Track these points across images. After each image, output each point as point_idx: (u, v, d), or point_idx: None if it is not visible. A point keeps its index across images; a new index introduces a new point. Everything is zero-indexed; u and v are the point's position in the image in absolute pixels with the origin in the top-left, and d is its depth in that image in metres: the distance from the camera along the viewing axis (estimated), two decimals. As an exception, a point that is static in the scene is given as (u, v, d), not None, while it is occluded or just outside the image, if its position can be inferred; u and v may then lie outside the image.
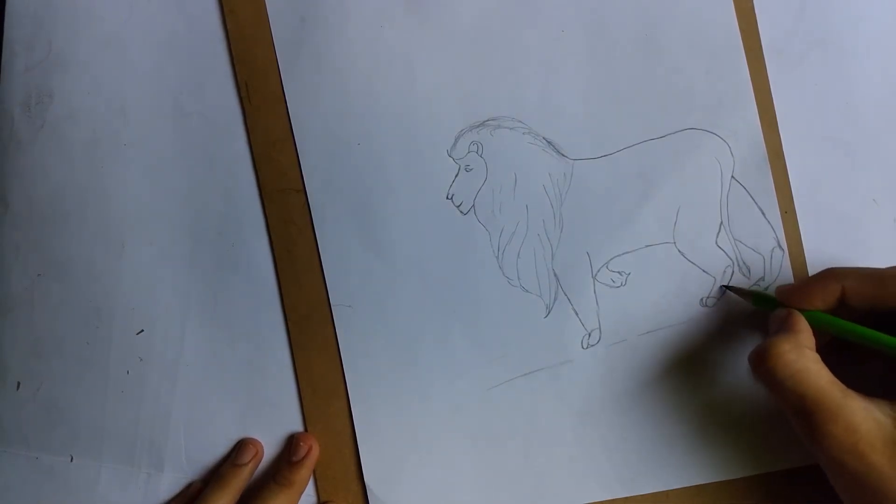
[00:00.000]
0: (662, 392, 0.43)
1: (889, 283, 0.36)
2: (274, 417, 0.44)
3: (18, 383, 0.46)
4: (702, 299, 0.43)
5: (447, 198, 0.44)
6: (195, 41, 0.45)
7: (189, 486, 0.44)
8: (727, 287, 0.42)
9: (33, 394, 0.46)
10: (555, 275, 0.43)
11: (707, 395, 0.42)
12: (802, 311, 0.38)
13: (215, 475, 0.44)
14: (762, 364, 0.35)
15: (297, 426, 0.44)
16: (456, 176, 0.44)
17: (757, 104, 0.43)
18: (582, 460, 0.43)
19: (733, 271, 0.43)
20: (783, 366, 0.35)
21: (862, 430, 0.33)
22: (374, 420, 0.44)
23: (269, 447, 0.44)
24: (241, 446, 0.44)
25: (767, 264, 0.42)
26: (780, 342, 0.35)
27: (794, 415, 0.35)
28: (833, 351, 0.37)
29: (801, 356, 0.35)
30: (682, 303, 0.43)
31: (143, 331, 0.45)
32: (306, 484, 0.44)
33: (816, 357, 0.35)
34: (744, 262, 0.43)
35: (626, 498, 0.43)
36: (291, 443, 0.43)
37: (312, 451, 0.43)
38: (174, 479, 0.45)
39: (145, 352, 0.45)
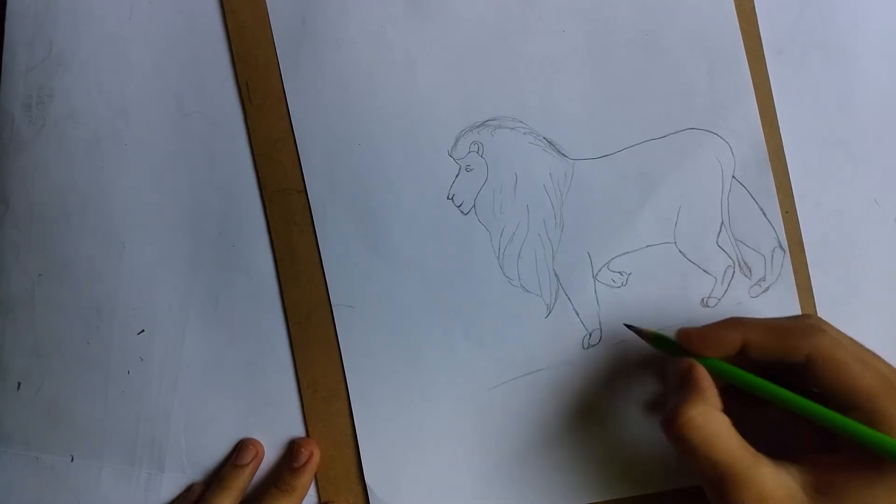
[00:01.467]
0: (663, 392, 0.43)
1: (789, 337, 0.35)
2: (274, 417, 0.44)
3: (19, 383, 0.46)
4: (703, 299, 0.43)
5: (448, 198, 0.44)
6: (196, 41, 0.45)
7: (190, 487, 0.44)
8: (627, 326, 0.40)
9: (34, 394, 0.46)
10: (555, 275, 0.43)
11: (708, 396, 0.42)
12: (702, 357, 0.36)
13: (216, 477, 0.44)
14: (673, 429, 0.34)
15: (298, 426, 0.44)
16: (457, 176, 0.44)
17: (758, 104, 0.43)
18: (583, 460, 0.43)
19: (734, 271, 0.43)
20: (694, 431, 0.34)
21: (772, 497, 0.32)
22: (374, 420, 0.44)
23: (270, 447, 0.44)
24: (241, 447, 0.44)
25: (768, 264, 0.42)
26: (689, 406, 0.34)
27: (705, 480, 0.34)
28: (730, 396, 0.36)
29: (712, 420, 0.34)
30: (683, 303, 0.43)
31: (143, 331, 0.45)
32: (308, 489, 0.44)
33: (726, 420, 0.34)
34: (745, 262, 0.43)
35: (626, 498, 0.43)
36: (292, 448, 0.43)
37: (314, 457, 0.43)
38: (175, 479, 0.45)
39: (146, 352, 0.45)
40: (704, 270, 0.43)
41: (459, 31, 0.44)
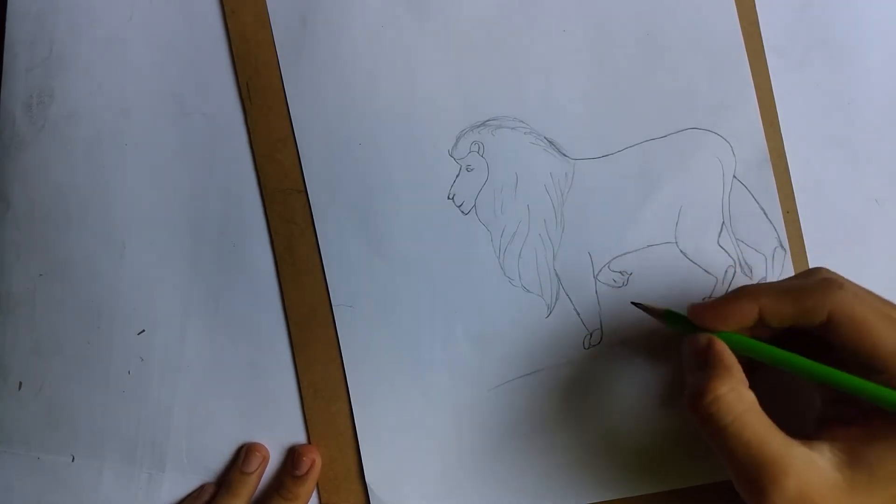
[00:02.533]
0: (664, 392, 0.43)
1: (807, 297, 0.33)
2: (275, 418, 0.44)
3: (20, 383, 0.46)
4: (704, 299, 0.43)
5: (448, 198, 0.44)
6: (196, 41, 0.45)
7: (202, 487, 0.44)
8: (635, 304, 0.40)
9: (35, 394, 0.46)
10: (556, 275, 0.43)
11: (709, 396, 0.42)
12: (717, 332, 0.35)
13: (224, 483, 0.44)
14: (700, 408, 0.32)
15: (299, 427, 0.44)
16: (457, 176, 0.44)
17: (759, 104, 0.43)
18: (583, 461, 0.43)
19: (735, 271, 0.42)
20: (725, 410, 0.31)
21: (813, 484, 0.30)
22: (375, 421, 0.44)
23: (271, 448, 0.44)
24: (247, 453, 0.44)
25: (769, 264, 0.42)
26: (717, 382, 0.32)
27: (735, 466, 0.31)
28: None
29: (742, 399, 0.32)
30: (685, 303, 0.42)
31: (143, 331, 0.45)
32: (310, 496, 0.43)
33: (755, 399, 0.32)
34: (746, 262, 0.42)
35: (627, 498, 0.43)
36: (293, 456, 0.43)
37: (315, 465, 0.43)
38: (176, 479, 0.45)
39: (146, 352, 0.45)
40: (705, 270, 0.43)
41: (460, 30, 0.44)
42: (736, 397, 0.32)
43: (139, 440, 0.45)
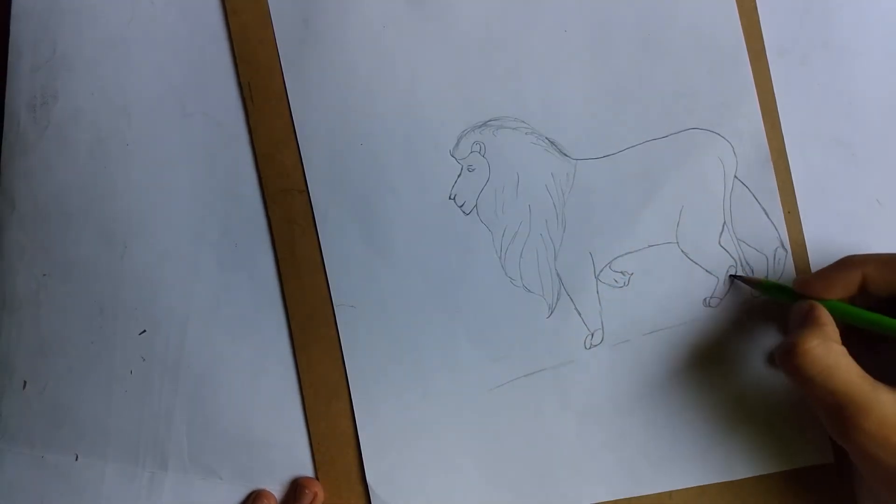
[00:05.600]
0: (665, 393, 0.42)
1: None
2: (276, 418, 0.44)
3: (24, 382, 0.46)
4: (705, 299, 0.43)
5: (450, 198, 0.44)
6: (198, 42, 0.45)
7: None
8: (735, 277, 0.42)
9: (39, 393, 0.46)
10: (557, 275, 0.43)
11: (710, 396, 0.42)
12: (821, 300, 0.37)
13: None
14: (790, 360, 0.35)
15: (300, 427, 0.44)
16: (458, 176, 0.44)
17: (760, 104, 0.43)
18: (585, 461, 0.43)
19: (736, 271, 0.42)
20: (811, 362, 0.34)
21: (893, 422, 0.32)
22: (376, 421, 0.44)
23: (272, 450, 0.44)
24: (255, 501, 0.44)
25: (771, 264, 0.42)
26: (807, 337, 0.35)
27: (824, 411, 0.34)
28: (851, 339, 0.36)
29: (830, 351, 0.34)
30: (686, 303, 0.43)
31: (145, 331, 0.45)
32: None
33: (844, 351, 0.35)
34: (747, 263, 0.42)
35: (628, 498, 0.43)
36: (296, 489, 0.43)
37: (318, 498, 0.43)
38: (177, 479, 0.45)
39: (148, 352, 0.45)
40: (707, 270, 0.43)
41: (461, 30, 0.44)
42: (823, 351, 0.34)
43: (141, 440, 0.45)
